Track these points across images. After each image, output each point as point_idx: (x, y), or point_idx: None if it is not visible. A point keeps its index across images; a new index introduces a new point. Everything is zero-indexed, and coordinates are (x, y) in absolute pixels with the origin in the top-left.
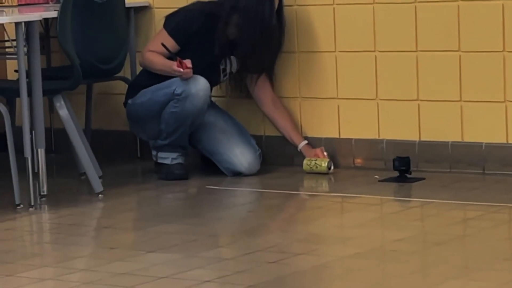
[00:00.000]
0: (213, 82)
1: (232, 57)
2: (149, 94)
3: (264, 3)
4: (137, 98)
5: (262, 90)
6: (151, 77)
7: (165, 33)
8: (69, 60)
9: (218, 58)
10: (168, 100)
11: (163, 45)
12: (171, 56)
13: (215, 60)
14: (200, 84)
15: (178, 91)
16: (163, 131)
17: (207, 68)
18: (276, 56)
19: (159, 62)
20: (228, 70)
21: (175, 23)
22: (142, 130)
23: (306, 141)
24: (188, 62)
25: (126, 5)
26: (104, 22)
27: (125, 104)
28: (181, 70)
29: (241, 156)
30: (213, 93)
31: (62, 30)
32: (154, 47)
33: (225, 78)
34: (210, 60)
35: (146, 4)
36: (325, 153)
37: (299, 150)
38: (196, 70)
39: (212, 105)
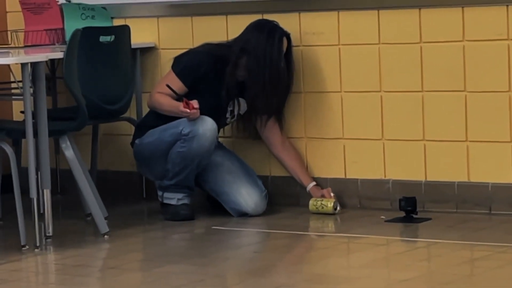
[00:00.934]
0: (220, 123)
1: (240, 99)
2: (157, 134)
3: (272, 46)
4: (145, 138)
5: (272, 132)
6: (158, 117)
7: (173, 74)
8: (75, 101)
9: (226, 100)
10: (175, 140)
11: (168, 86)
12: (179, 98)
13: (223, 102)
14: (207, 124)
15: (185, 131)
16: (169, 171)
17: (215, 110)
18: (285, 98)
19: (166, 103)
20: (236, 112)
21: (183, 65)
22: (149, 170)
23: (314, 182)
24: (194, 103)
25: (132, 46)
26: (110, 63)
27: (132, 144)
28: (188, 110)
29: (247, 196)
30: (220, 134)
31: (68, 71)
32: (162, 89)
33: (232, 119)
34: (218, 102)
35: (152, 45)
36: (332, 194)
37: (307, 191)
38: (204, 111)
39: (219, 146)
